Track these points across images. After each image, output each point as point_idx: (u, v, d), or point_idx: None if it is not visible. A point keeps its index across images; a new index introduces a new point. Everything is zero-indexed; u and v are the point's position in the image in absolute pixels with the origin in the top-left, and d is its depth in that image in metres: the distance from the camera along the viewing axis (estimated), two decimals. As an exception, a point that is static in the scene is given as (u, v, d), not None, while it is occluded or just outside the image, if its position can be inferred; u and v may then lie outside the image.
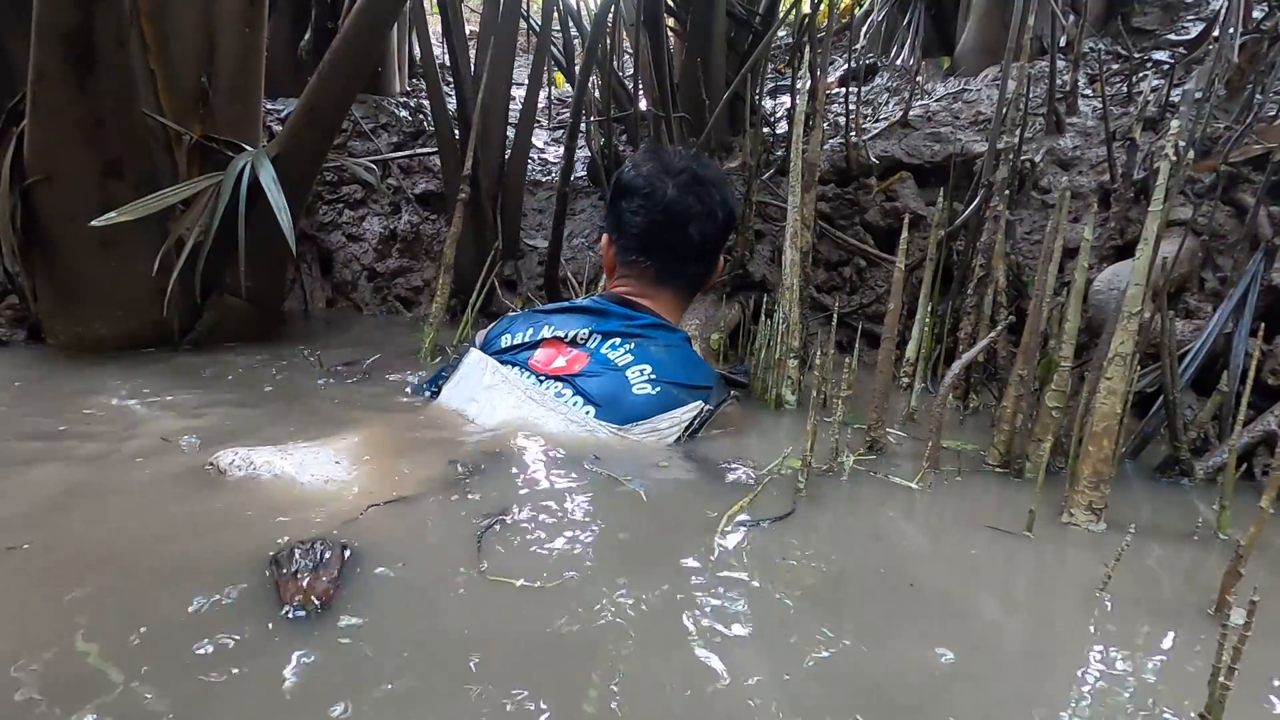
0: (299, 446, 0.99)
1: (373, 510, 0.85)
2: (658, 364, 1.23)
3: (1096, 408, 0.98)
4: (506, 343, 1.32)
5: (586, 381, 1.21)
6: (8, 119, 1.67)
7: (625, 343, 1.25)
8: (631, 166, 1.38)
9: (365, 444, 1.05)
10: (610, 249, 1.41)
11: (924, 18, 3.32)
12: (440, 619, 0.70)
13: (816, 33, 2.50)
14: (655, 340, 1.27)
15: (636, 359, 1.23)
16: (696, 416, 1.21)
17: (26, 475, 0.98)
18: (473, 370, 1.27)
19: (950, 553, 0.90)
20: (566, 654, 0.64)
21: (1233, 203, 1.70)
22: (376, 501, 0.87)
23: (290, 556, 0.72)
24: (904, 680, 0.64)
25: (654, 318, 1.31)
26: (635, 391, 1.19)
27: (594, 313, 1.31)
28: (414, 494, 0.91)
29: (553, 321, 1.32)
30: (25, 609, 0.68)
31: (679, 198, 1.32)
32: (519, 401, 1.19)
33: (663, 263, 1.36)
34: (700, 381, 1.26)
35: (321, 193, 2.63)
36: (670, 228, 1.33)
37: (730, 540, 0.86)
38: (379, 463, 1.00)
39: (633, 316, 1.30)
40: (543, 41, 2.39)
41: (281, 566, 0.72)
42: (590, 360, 1.23)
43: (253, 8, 1.84)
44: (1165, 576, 0.88)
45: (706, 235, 1.35)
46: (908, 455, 1.23)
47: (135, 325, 1.74)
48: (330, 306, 2.52)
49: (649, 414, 1.18)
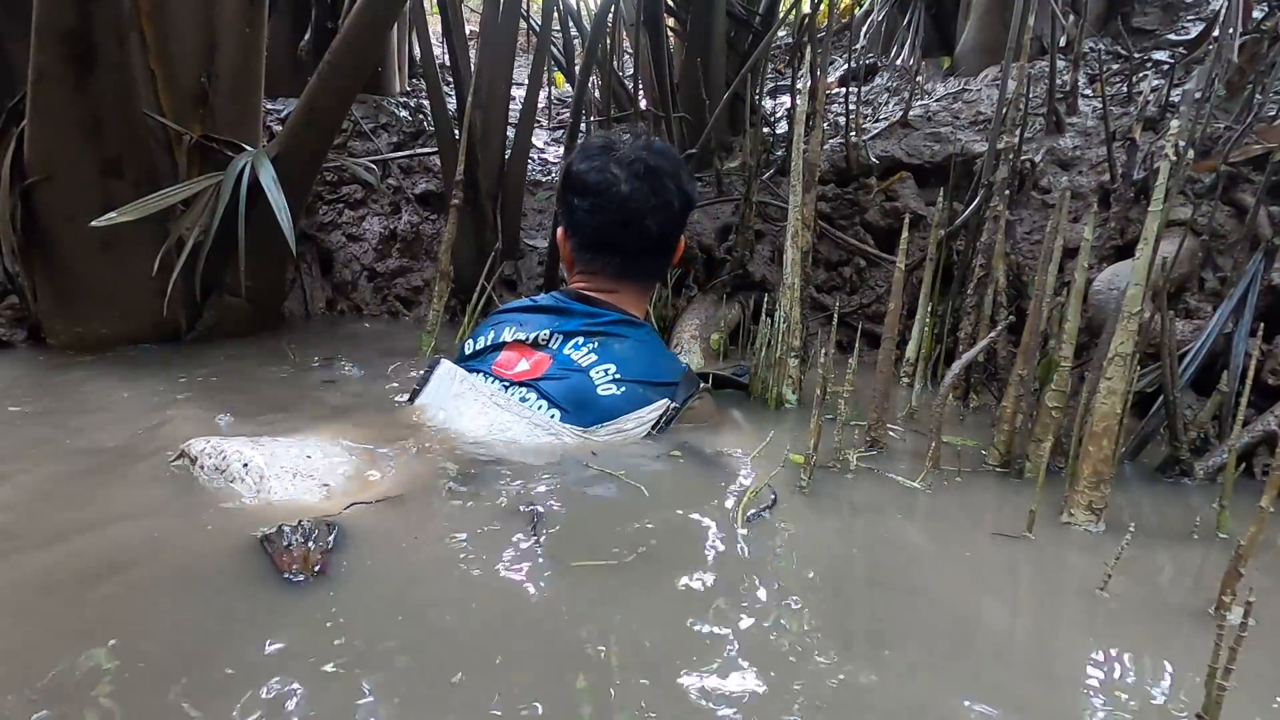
0: (272, 439, 0.99)
1: (354, 507, 0.88)
2: (622, 362, 1.20)
3: (1096, 408, 0.98)
4: (470, 349, 1.31)
5: (550, 385, 1.18)
6: (8, 119, 1.67)
7: (588, 342, 1.23)
8: (582, 157, 1.32)
9: (340, 439, 1.05)
10: (567, 244, 1.36)
11: (924, 18, 3.31)
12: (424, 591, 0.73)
13: (816, 33, 2.50)
14: (619, 337, 1.24)
15: (600, 358, 1.21)
16: (663, 415, 1.20)
17: (27, 474, 0.98)
18: (442, 380, 1.25)
19: (950, 552, 0.90)
20: (553, 662, 0.64)
21: (1233, 203, 1.70)
22: (359, 500, 0.89)
23: (280, 533, 0.76)
24: (903, 679, 0.64)
25: (617, 313, 1.28)
26: (600, 393, 1.18)
27: (555, 311, 1.28)
28: (394, 491, 0.93)
29: (513, 321, 1.29)
30: (26, 603, 0.69)
31: (632, 194, 1.27)
32: (484, 408, 1.17)
33: (622, 258, 1.31)
34: (666, 378, 1.24)
35: (321, 193, 2.63)
36: (626, 225, 1.29)
37: (729, 537, 0.86)
38: (353, 458, 1.01)
39: (594, 314, 1.27)
40: (543, 41, 2.39)
41: (273, 543, 0.76)
42: (553, 362, 1.22)
43: (253, 8, 1.84)
44: (1165, 576, 0.88)
45: (664, 227, 1.31)
46: (908, 454, 1.23)
47: (135, 325, 1.74)
48: (330, 306, 2.52)
49: (615, 415, 1.17)
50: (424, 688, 0.59)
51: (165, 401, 1.35)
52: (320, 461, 0.95)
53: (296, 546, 0.75)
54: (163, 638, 0.64)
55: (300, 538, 0.76)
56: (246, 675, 0.59)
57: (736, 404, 1.48)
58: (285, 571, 0.72)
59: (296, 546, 0.75)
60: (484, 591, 0.74)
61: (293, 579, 0.72)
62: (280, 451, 0.94)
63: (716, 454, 1.16)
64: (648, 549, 0.83)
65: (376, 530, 0.83)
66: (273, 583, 0.72)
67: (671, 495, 1.01)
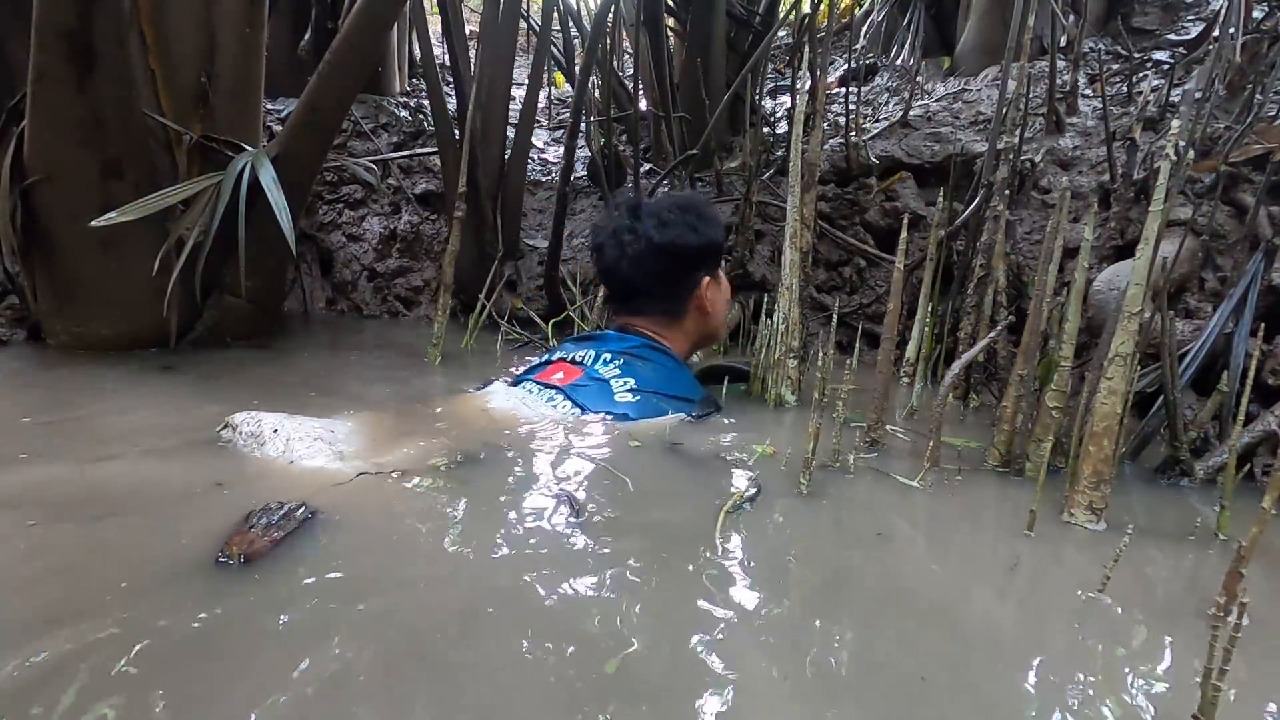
0: (304, 416, 1.11)
1: (361, 479, 0.93)
2: (642, 378, 1.33)
3: (1096, 408, 0.98)
4: (527, 366, 1.48)
5: (576, 390, 1.31)
6: (8, 119, 1.67)
7: (616, 359, 1.36)
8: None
9: (366, 422, 1.18)
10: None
11: (924, 18, 3.32)
12: (366, 587, 0.72)
13: (816, 33, 2.50)
14: (643, 359, 1.38)
15: (623, 373, 1.33)
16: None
17: (26, 473, 0.98)
18: (489, 388, 1.43)
19: (950, 551, 0.90)
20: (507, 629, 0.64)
21: (1233, 203, 1.70)
22: (366, 470, 0.95)
23: (260, 512, 0.80)
24: (902, 678, 0.64)
25: (645, 339, 1.43)
26: (617, 399, 1.28)
27: (598, 339, 1.46)
28: (401, 467, 0.99)
29: (567, 345, 1.47)
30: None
31: (606, 247, 1.46)
32: (512, 405, 1.29)
33: (625, 299, 1.50)
34: (683, 394, 1.35)
35: (321, 193, 2.63)
36: (611, 275, 1.48)
37: (726, 533, 0.86)
38: (374, 438, 1.11)
39: (626, 339, 1.42)
40: (543, 41, 2.39)
41: (249, 521, 0.78)
42: (583, 374, 1.34)
43: (253, 8, 1.84)
44: (1165, 577, 0.88)
45: (645, 268, 1.44)
46: (908, 454, 1.23)
47: (135, 325, 1.74)
48: (330, 306, 2.52)
49: (629, 420, 1.25)
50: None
51: (164, 401, 1.35)
52: (342, 433, 1.08)
53: (256, 530, 0.77)
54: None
55: (265, 521, 0.78)
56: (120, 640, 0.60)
57: (737, 404, 1.48)
58: (221, 554, 0.73)
59: (256, 530, 0.77)
60: (440, 583, 0.74)
61: (222, 559, 0.73)
62: (308, 422, 1.08)
63: (708, 450, 1.16)
64: (641, 546, 0.83)
65: (358, 510, 0.85)
66: (209, 566, 0.73)
67: (666, 489, 1.01)
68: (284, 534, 0.77)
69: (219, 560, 0.73)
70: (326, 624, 0.65)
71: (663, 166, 2.65)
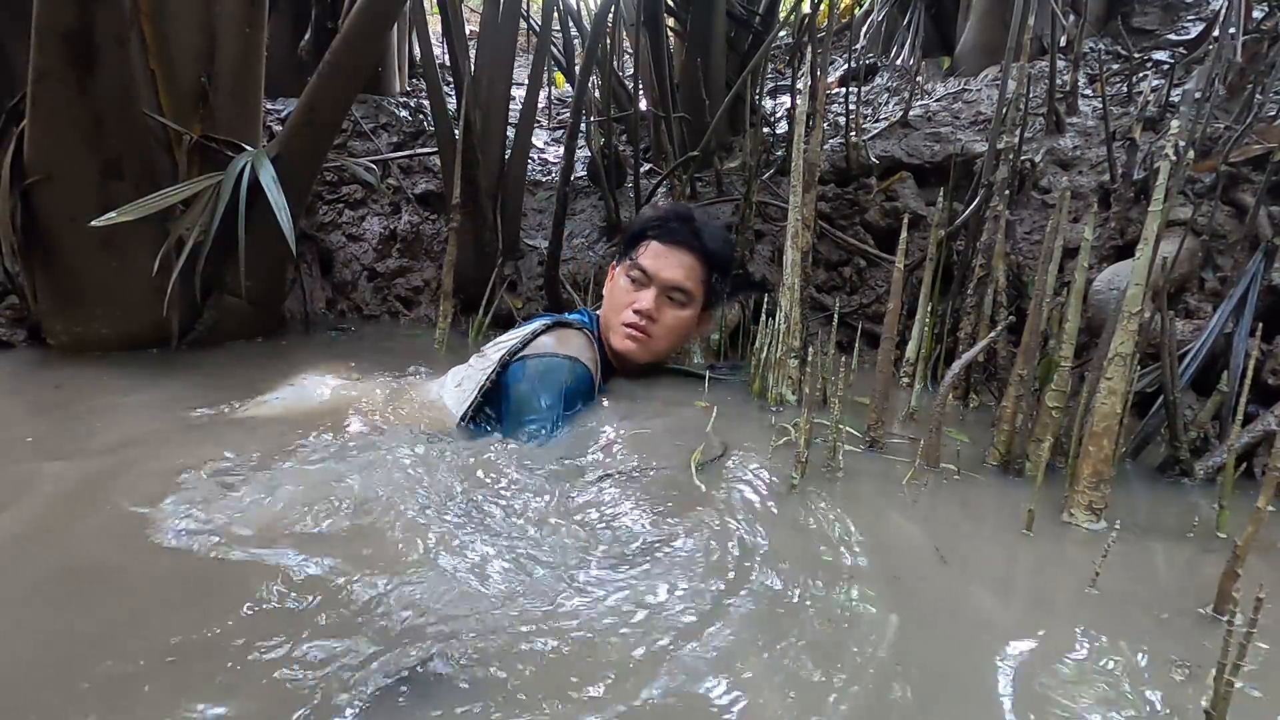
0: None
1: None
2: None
3: (1096, 408, 0.98)
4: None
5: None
6: (8, 119, 1.66)
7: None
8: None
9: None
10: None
11: (924, 18, 3.31)
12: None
13: (816, 33, 2.50)
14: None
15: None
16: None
17: (26, 473, 0.98)
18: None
19: (950, 550, 0.90)
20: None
21: (1233, 203, 1.70)
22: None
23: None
24: (901, 678, 0.64)
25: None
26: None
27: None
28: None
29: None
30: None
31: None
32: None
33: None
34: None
35: (321, 193, 2.63)
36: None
37: (725, 530, 0.86)
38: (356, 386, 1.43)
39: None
40: (543, 41, 2.39)
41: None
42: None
43: (253, 8, 1.83)
44: (1164, 575, 0.88)
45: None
46: (908, 453, 1.23)
47: (135, 325, 1.74)
48: (330, 306, 2.52)
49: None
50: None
51: (164, 401, 1.34)
52: (333, 382, 1.45)
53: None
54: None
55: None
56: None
57: (737, 404, 1.48)
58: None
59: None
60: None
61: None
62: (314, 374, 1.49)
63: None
64: (628, 536, 0.83)
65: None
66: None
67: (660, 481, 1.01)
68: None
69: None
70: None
71: (663, 167, 2.65)
